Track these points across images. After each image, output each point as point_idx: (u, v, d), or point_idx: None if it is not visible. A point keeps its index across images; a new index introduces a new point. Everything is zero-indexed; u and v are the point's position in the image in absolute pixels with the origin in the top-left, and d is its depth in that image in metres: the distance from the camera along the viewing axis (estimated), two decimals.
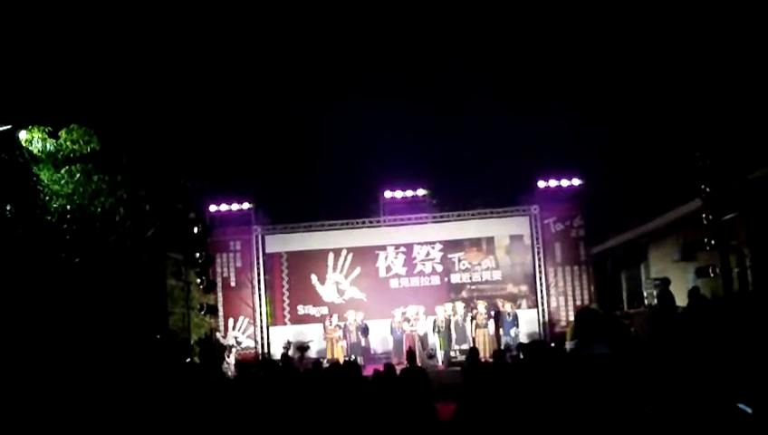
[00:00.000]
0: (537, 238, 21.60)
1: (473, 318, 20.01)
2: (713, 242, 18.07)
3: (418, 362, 16.01)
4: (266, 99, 28.13)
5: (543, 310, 21.34)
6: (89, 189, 15.77)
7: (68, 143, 15.60)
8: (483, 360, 16.49)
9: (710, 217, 18.01)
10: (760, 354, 10.42)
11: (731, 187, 17.50)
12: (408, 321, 20.11)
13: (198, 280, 20.58)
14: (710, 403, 7.27)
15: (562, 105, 26.58)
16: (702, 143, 18.08)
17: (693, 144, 18.49)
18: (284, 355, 19.28)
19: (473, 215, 22.14)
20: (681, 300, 17.95)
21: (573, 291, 21.39)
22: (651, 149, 23.61)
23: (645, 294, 22.26)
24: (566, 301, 21.30)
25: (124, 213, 16.32)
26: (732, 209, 17.58)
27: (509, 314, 20.18)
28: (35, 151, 15.47)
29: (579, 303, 21.02)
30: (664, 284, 18.54)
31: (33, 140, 15.41)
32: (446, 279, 21.92)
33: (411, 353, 13.68)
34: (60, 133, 15.68)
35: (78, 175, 15.65)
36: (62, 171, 15.62)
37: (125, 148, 16.92)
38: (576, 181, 21.34)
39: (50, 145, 15.54)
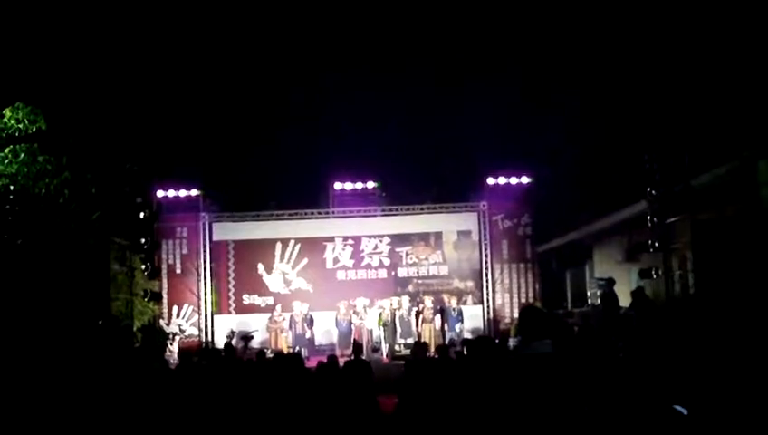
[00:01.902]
0: (485, 235, 21.74)
1: (418, 313, 20.06)
2: (656, 244, 18.34)
3: (364, 355, 16.01)
4: (219, 84, 27.89)
5: (488, 306, 21.51)
6: (33, 170, 15.43)
7: (12, 122, 15.24)
8: (428, 354, 16.56)
9: (655, 219, 18.27)
10: (697, 356, 10.60)
11: (676, 191, 17.76)
12: (357, 313, 20.10)
13: (143, 266, 20.29)
14: (646, 404, 7.38)
15: (513, 103, 26.78)
16: (649, 147, 18.32)
17: (640, 147, 18.74)
18: (227, 344, 19.16)
19: (422, 209, 22.22)
20: (624, 301, 18.22)
21: (519, 288, 21.58)
22: (599, 150, 23.90)
23: (589, 294, 22.56)
24: (511, 298, 21.49)
25: (69, 195, 16.01)
26: (676, 213, 17.84)
27: (454, 309, 20.26)
28: None
29: (524, 300, 21.21)
30: (608, 284, 18.79)
31: None
32: (393, 273, 21.97)
33: (358, 346, 13.68)
34: (4, 112, 15.33)
35: (22, 155, 15.30)
36: (6, 151, 15.26)
37: (72, 129, 16.61)
38: (525, 179, 21.54)
39: None
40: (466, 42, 27.15)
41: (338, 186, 21.98)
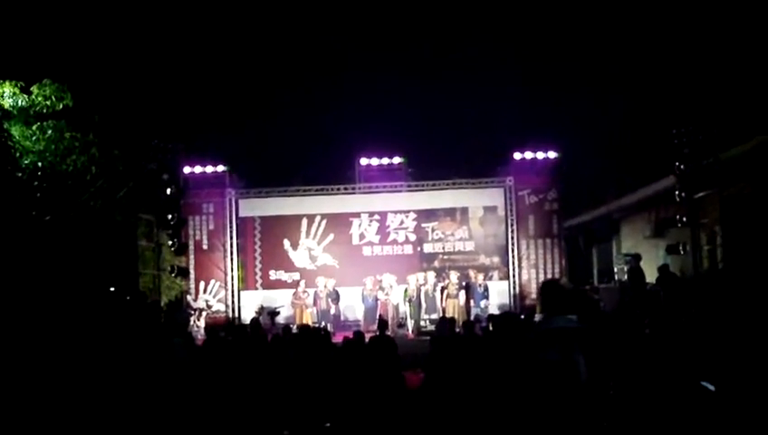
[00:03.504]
0: (511, 210, 21.63)
1: (444, 288, 20.02)
2: (684, 219, 18.19)
3: (389, 331, 16.03)
4: (246, 60, 27.89)
5: (514, 282, 21.45)
6: (61, 147, 15.56)
7: (40, 99, 15.36)
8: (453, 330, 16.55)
9: (683, 194, 18.11)
10: (725, 333, 10.51)
11: (705, 165, 17.59)
12: (383, 289, 20.10)
13: (170, 242, 20.39)
14: (674, 380, 7.34)
15: (541, 78, 26.57)
16: (678, 121, 18.13)
17: (669, 122, 18.54)
18: (254, 320, 19.26)
19: (448, 185, 22.13)
20: (651, 276, 18.09)
21: (545, 264, 21.48)
22: (627, 125, 23.68)
23: (615, 270, 22.42)
24: (537, 274, 21.38)
25: (96, 172, 16.12)
26: (705, 187, 17.67)
27: (480, 285, 20.20)
28: (6, 106, 15.22)
29: (550, 276, 21.08)
30: (635, 260, 18.65)
31: (4, 94, 15.16)
32: (418, 248, 21.95)
33: (383, 322, 13.68)
34: (32, 89, 15.44)
35: (50, 132, 15.43)
36: (34, 127, 15.40)
37: (99, 105, 16.69)
38: (552, 154, 21.34)
39: (22, 101, 15.31)
40: (494, 16, 26.95)
41: (364, 161, 21.92)
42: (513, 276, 21.48)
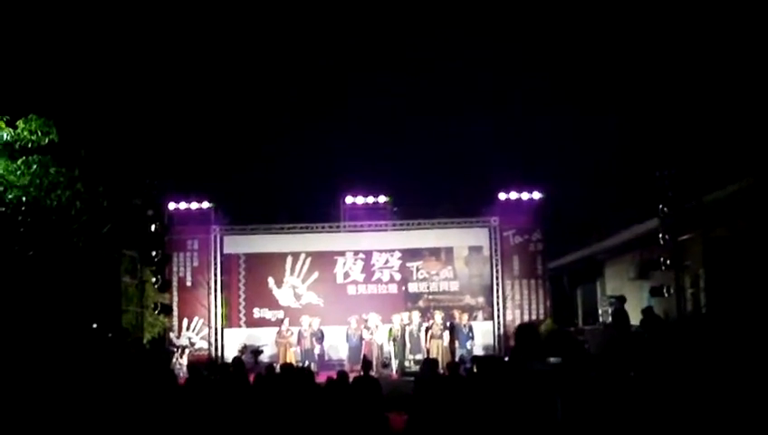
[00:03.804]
0: (496, 250, 21.65)
1: (428, 328, 19.93)
2: (668, 262, 18.24)
3: (373, 371, 15.92)
4: (232, 96, 27.97)
5: (499, 323, 21.39)
6: (45, 182, 15.45)
7: (26, 133, 15.27)
8: (437, 371, 16.46)
9: (667, 236, 18.18)
10: (709, 376, 10.51)
11: (688, 207, 17.69)
12: (368, 329, 20.00)
13: (154, 279, 20.29)
14: (660, 423, 7.32)
15: (527, 119, 26.75)
16: (662, 164, 18.25)
17: (653, 164, 18.67)
18: (237, 359, 19.10)
19: (433, 224, 22.15)
20: (635, 318, 18.10)
21: (529, 305, 21.45)
22: (612, 166, 23.84)
23: (600, 311, 22.45)
24: (522, 314, 21.35)
25: (81, 207, 16.02)
26: (688, 230, 17.76)
27: (465, 325, 20.09)
28: None
29: (534, 317, 21.11)
30: (619, 301, 18.68)
31: None
32: (403, 288, 21.89)
33: (367, 362, 13.58)
34: (18, 123, 15.37)
35: (35, 166, 15.32)
36: (19, 162, 15.29)
37: (84, 141, 16.64)
38: (537, 195, 21.44)
39: (6, 135, 15.22)
40: (479, 56, 27.16)
41: (349, 200, 21.95)
42: (498, 317, 21.43)
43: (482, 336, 20.95)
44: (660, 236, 18.36)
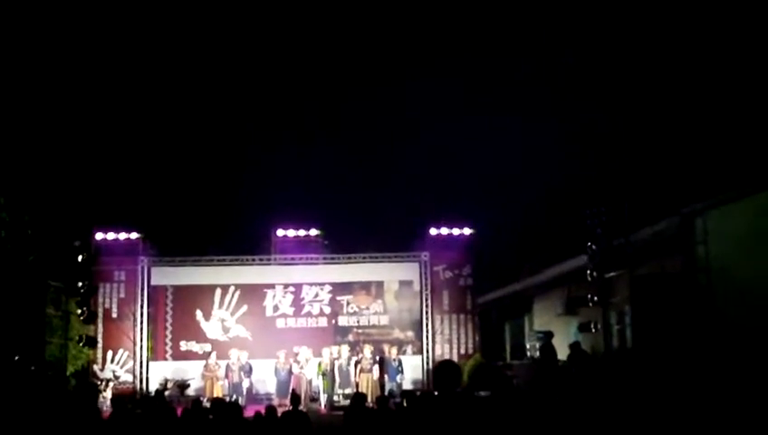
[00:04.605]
0: (426, 285, 21.76)
1: (357, 362, 19.89)
2: (596, 298, 18.52)
3: (302, 405, 15.80)
4: (160, 127, 27.71)
5: (428, 357, 21.45)
6: None
7: None
8: (366, 405, 16.40)
9: (594, 273, 18.47)
10: (633, 410, 10.70)
11: (616, 245, 18.03)
12: (299, 362, 19.86)
13: (79, 310, 19.86)
14: None
15: (457, 155, 27.04)
16: (590, 202, 18.59)
17: (581, 202, 19.00)
18: (158, 392, 18.78)
19: (364, 258, 22.19)
20: (563, 353, 18.33)
21: (458, 339, 21.58)
22: (541, 204, 24.21)
23: (528, 346, 22.66)
24: (451, 349, 21.46)
25: (5, 236, 15.72)
26: (616, 267, 18.07)
27: (394, 359, 20.12)
28: None
29: (463, 351, 21.26)
30: (547, 337, 18.92)
31: None
32: (333, 321, 21.82)
33: (296, 396, 13.47)
34: None
35: None
36: None
37: (10, 170, 16.34)
38: (467, 231, 21.67)
39: None
40: (410, 91, 27.43)
41: (280, 233, 21.88)
42: (427, 351, 21.49)
43: (411, 370, 20.98)
44: (588, 272, 18.63)
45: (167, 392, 19.39)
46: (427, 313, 21.69)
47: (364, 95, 28.39)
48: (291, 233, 21.90)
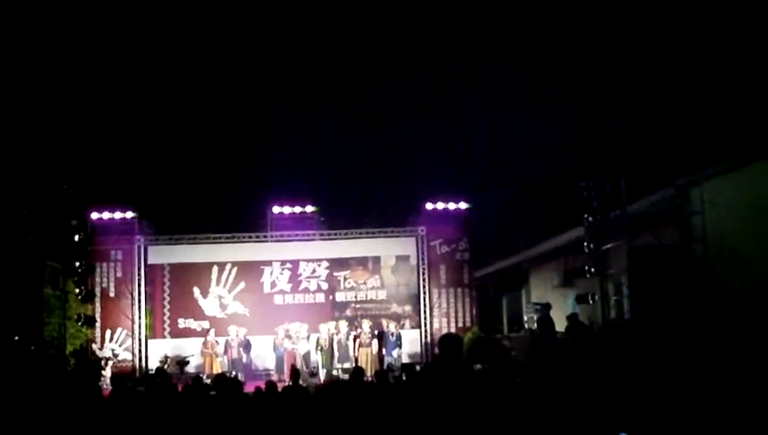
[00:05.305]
0: (423, 259, 21.76)
1: (356, 337, 20.00)
2: (592, 270, 18.58)
3: (301, 380, 15.86)
4: (156, 105, 27.61)
5: (426, 331, 21.50)
6: None
7: None
8: (365, 379, 16.47)
9: (591, 245, 18.52)
10: (634, 381, 10.73)
11: (612, 217, 18.06)
12: (290, 338, 19.95)
13: (77, 290, 19.88)
14: (589, 430, 7.43)
15: (453, 129, 26.99)
16: (586, 174, 18.61)
17: (578, 175, 19.02)
18: (159, 369, 18.84)
19: (360, 234, 22.19)
20: (560, 325, 18.40)
21: (456, 313, 21.61)
22: (537, 177, 24.21)
23: (525, 319, 22.72)
24: (449, 322, 21.50)
25: (1, 217, 15.69)
26: (612, 239, 18.12)
27: (392, 334, 20.23)
28: None
29: (461, 325, 21.29)
30: (545, 308, 18.97)
31: None
32: (330, 297, 21.85)
33: (295, 371, 13.54)
34: None
35: None
36: None
37: (3, 150, 16.29)
38: (463, 205, 21.65)
39: None
40: (408, 66, 27.35)
41: (276, 209, 21.84)
42: (425, 325, 21.54)
43: (409, 344, 21.06)
44: (585, 244, 18.70)
45: (167, 368, 19.46)
46: (424, 287, 21.72)
47: (360, 70, 28.30)
48: (287, 210, 21.87)
